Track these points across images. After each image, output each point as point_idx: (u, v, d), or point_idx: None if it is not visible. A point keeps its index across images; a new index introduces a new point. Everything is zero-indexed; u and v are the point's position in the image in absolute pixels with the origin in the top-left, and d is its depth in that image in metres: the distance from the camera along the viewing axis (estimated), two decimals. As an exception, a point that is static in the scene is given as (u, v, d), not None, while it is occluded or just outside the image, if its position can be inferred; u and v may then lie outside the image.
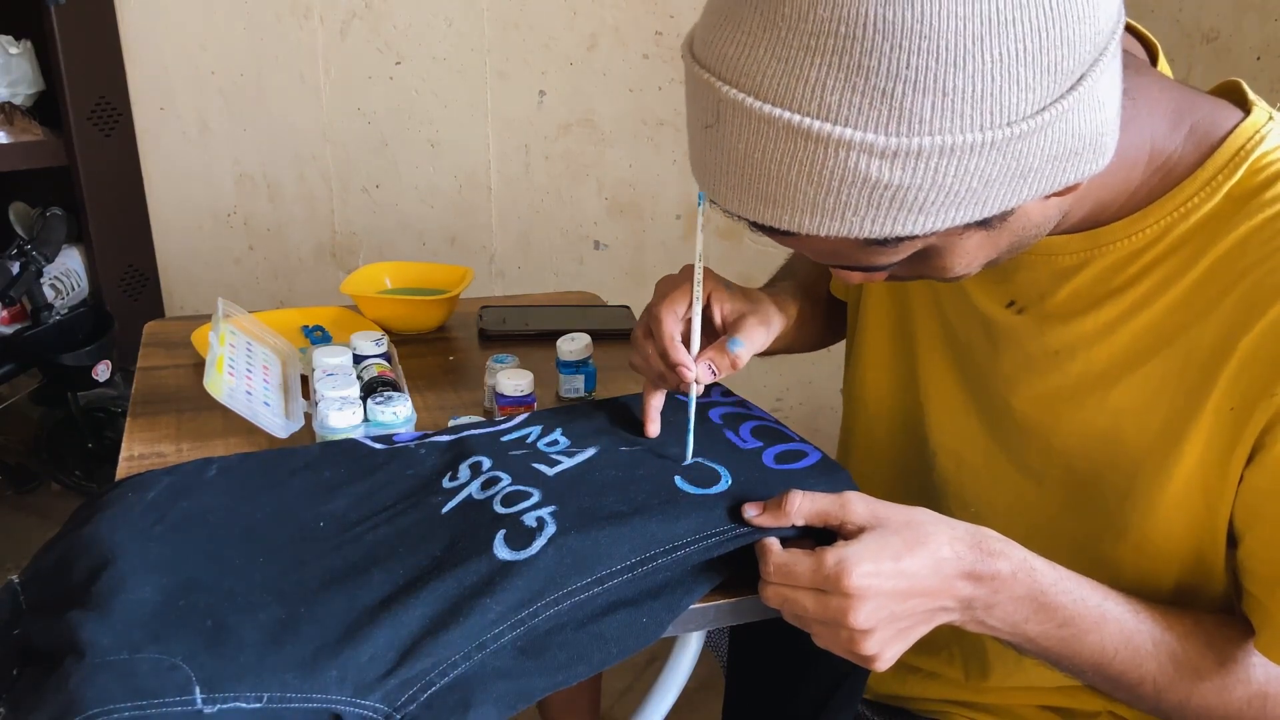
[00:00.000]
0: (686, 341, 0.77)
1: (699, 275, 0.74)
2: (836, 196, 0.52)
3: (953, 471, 0.82)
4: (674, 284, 0.78)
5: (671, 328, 0.76)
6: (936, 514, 0.64)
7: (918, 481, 0.86)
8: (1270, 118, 0.65)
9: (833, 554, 0.61)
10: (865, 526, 0.63)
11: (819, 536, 0.66)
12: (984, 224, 0.56)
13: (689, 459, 0.75)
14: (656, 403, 0.81)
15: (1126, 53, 0.64)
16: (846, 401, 0.94)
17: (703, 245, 0.74)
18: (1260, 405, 0.61)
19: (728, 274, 0.85)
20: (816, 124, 0.50)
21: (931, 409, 0.83)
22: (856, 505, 0.64)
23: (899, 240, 0.55)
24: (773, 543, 0.65)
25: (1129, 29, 0.72)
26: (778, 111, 0.51)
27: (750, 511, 0.67)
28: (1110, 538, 0.71)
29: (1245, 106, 0.67)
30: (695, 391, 0.76)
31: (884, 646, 0.62)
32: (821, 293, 0.95)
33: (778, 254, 0.95)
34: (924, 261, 0.61)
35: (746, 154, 0.53)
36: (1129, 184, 0.65)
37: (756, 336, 0.78)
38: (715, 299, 0.79)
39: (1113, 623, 0.65)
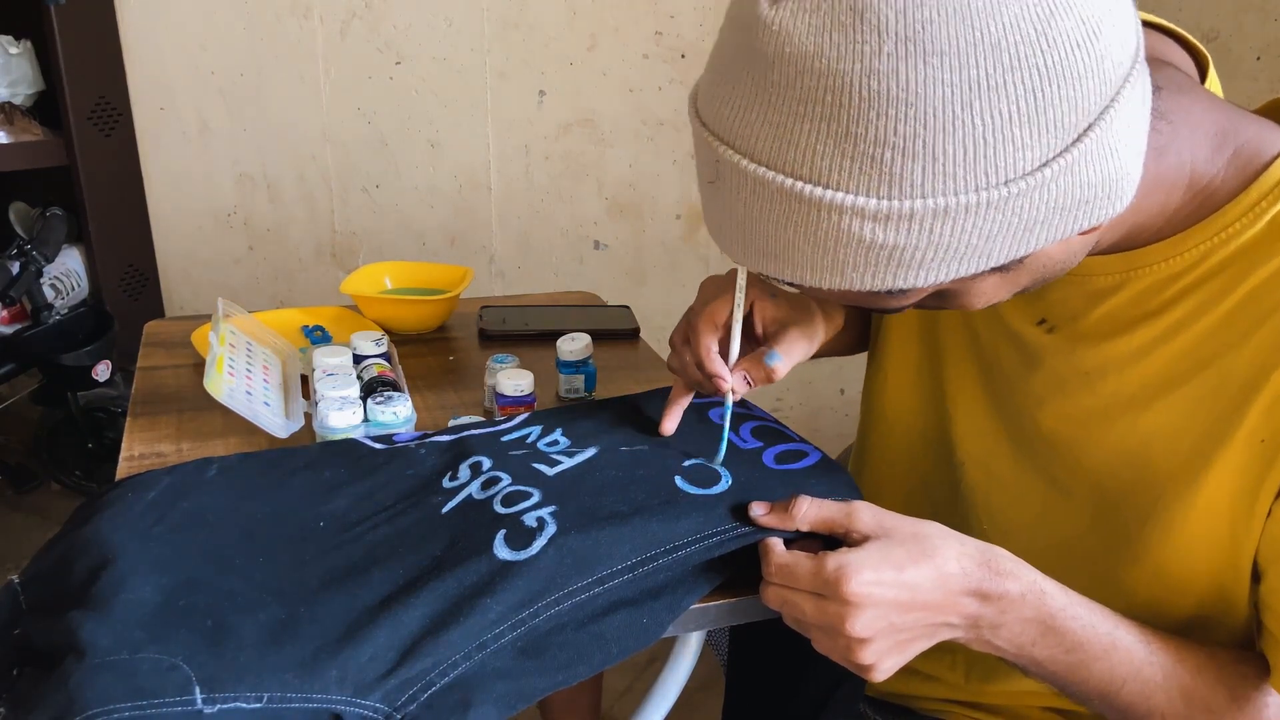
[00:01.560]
0: (725, 348, 0.76)
1: (742, 282, 0.73)
2: (834, 256, 0.52)
3: (980, 481, 0.81)
4: (717, 289, 0.77)
5: (709, 339, 0.76)
6: (947, 529, 0.63)
7: (943, 493, 0.85)
8: None
9: (834, 559, 0.60)
10: (870, 536, 0.62)
11: (826, 542, 0.66)
12: (1001, 269, 0.56)
13: (720, 458, 0.75)
14: (682, 403, 0.81)
15: (1170, 69, 0.64)
16: (865, 411, 0.93)
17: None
18: None
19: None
20: (809, 188, 0.50)
21: (959, 420, 0.82)
22: (863, 514, 0.63)
23: (904, 290, 0.55)
24: (776, 543, 0.65)
25: (1180, 40, 0.71)
26: (771, 175, 0.51)
27: (757, 510, 0.67)
28: (1128, 560, 0.70)
29: None
30: (730, 401, 0.75)
31: (881, 657, 0.61)
32: None
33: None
34: (943, 299, 0.61)
35: (746, 212, 0.53)
36: (1167, 208, 0.63)
37: (797, 348, 0.77)
38: (758, 307, 0.78)
39: (1123, 651, 0.64)
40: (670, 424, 0.80)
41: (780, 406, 2.35)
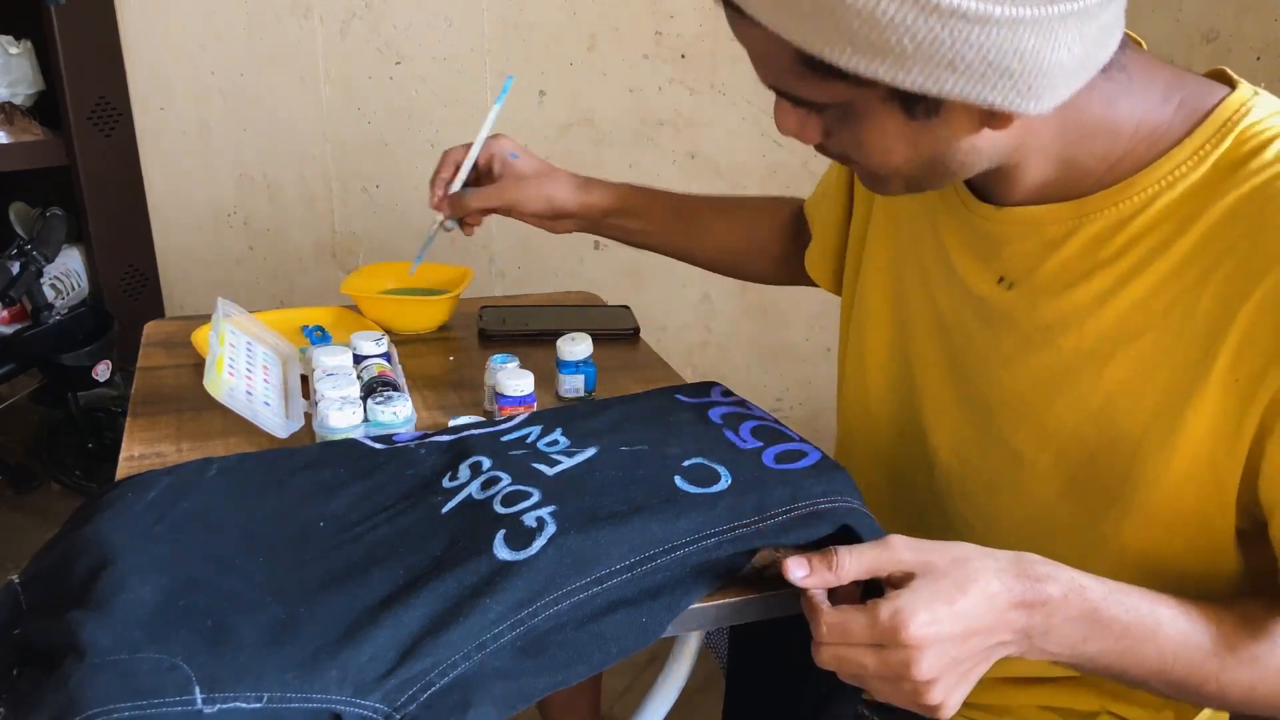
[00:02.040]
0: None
1: (483, 135, 1.05)
2: None
3: (954, 466, 0.82)
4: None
5: (444, 171, 1.07)
6: (975, 546, 0.63)
7: (922, 480, 0.86)
8: (1255, 93, 0.66)
9: (886, 607, 0.59)
10: (913, 573, 0.61)
11: (835, 539, 0.66)
12: (906, 106, 0.59)
13: (415, 264, 1.05)
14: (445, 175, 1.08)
15: (1127, 34, 0.66)
16: (846, 407, 0.94)
17: (495, 117, 1.06)
18: (1269, 374, 0.61)
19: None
20: None
21: (928, 409, 0.83)
22: (903, 552, 0.62)
23: (826, 71, 0.57)
24: (822, 600, 0.63)
25: None
26: None
27: (797, 573, 0.63)
28: (1114, 516, 0.71)
29: (1232, 85, 0.68)
30: (437, 221, 1.07)
31: (949, 694, 0.60)
32: (721, 214, 1.12)
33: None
34: (845, 127, 0.63)
35: None
36: (1112, 152, 0.66)
37: (506, 192, 1.04)
38: (495, 160, 1.06)
39: (1167, 625, 0.64)
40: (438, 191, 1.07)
41: (780, 406, 2.35)
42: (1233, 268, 0.62)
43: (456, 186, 1.05)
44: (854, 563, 0.62)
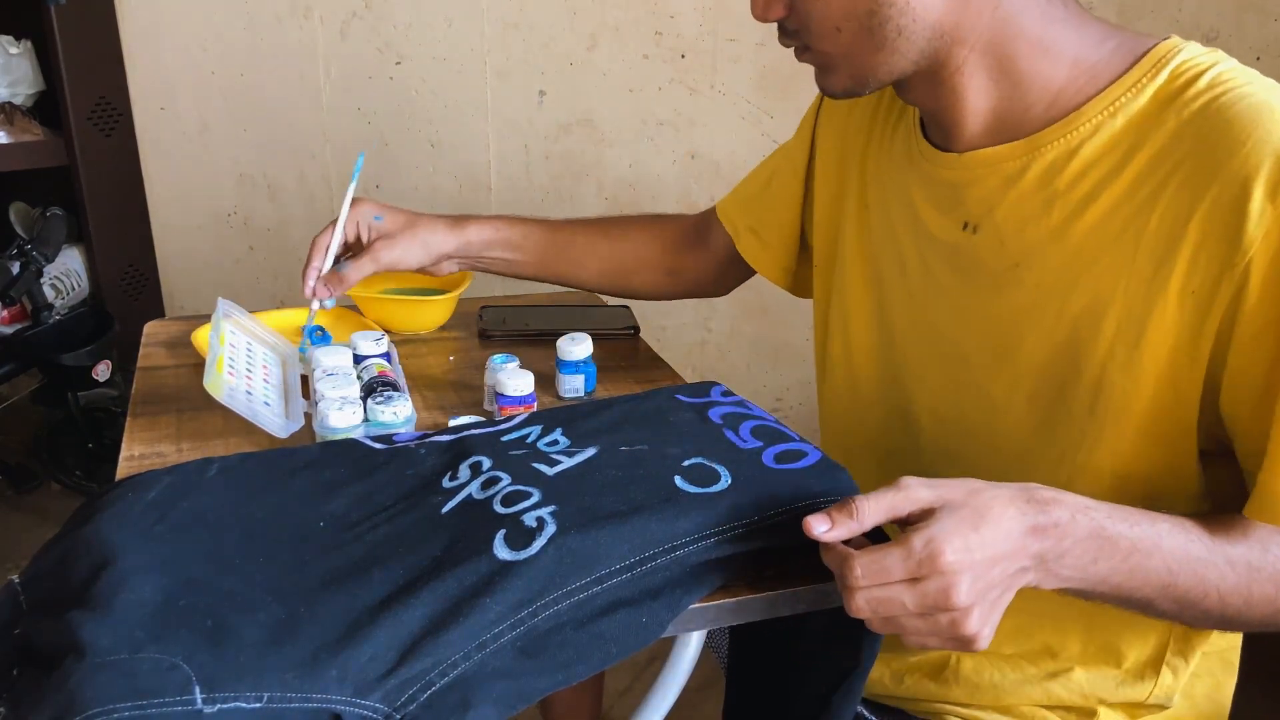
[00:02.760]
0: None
1: (344, 212, 1.05)
2: None
3: (936, 427, 0.85)
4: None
5: (315, 259, 1.04)
6: (982, 480, 0.64)
7: (910, 450, 0.88)
8: (1187, 42, 0.71)
9: (919, 538, 0.59)
10: (933, 507, 0.62)
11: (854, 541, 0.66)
12: None
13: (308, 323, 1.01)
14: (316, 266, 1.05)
15: None
16: (833, 397, 0.96)
17: (353, 192, 1.06)
18: (1223, 281, 0.64)
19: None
20: None
21: (910, 374, 0.86)
22: (918, 490, 0.63)
23: None
24: (846, 549, 0.62)
25: None
26: None
27: (820, 527, 0.62)
28: (1088, 446, 0.73)
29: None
30: (314, 307, 1.05)
31: (984, 622, 0.61)
32: (606, 234, 1.15)
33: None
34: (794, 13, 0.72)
35: None
36: (1052, 80, 0.72)
37: (381, 255, 1.05)
38: (362, 228, 1.06)
39: (1168, 540, 0.66)
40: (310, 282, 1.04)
41: (780, 407, 2.35)
42: (1179, 184, 0.66)
43: (327, 268, 1.05)
44: (873, 507, 0.62)
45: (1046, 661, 0.85)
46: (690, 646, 0.82)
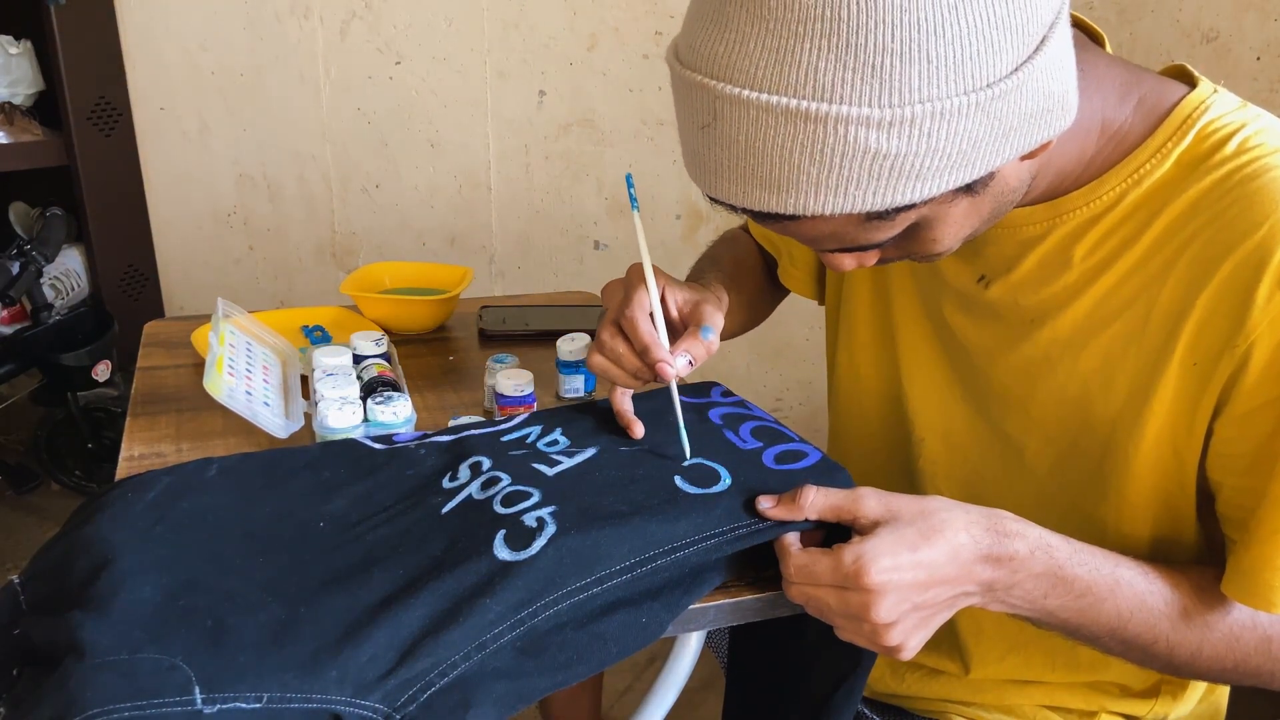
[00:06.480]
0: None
1: (649, 269, 0.77)
2: (839, 173, 0.55)
3: (940, 453, 0.84)
4: (630, 286, 0.78)
5: (648, 325, 0.76)
6: (951, 501, 0.65)
7: (910, 466, 0.87)
8: (1215, 90, 0.69)
9: (850, 551, 0.61)
10: (879, 521, 0.63)
11: (835, 532, 0.66)
12: (970, 189, 0.59)
13: (689, 457, 0.75)
14: (628, 404, 0.81)
15: (1074, 30, 0.68)
16: (836, 396, 0.95)
17: (646, 244, 0.79)
18: (1223, 358, 0.64)
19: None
20: (814, 105, 0.53)
21: (915, 393, 0.85)
22: (869, 500, 0.64)
23: (897, 212, 0.58)
24: (792, 542, 0.65)
25: (1074, 20, 0.75)
26: (775, 99, 0.53)
27: (765, 503, 0.67)
28: (1094, 499, 0.74)
29: (1190, 82, 0.70)
30: (674, 384, 0.76)
31: (907, 637, 0.62)
32: (745, 284, 0.99)
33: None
34: (913, 238, 0.64)
35: (748, 145, 0.55)
36: (1084, 153, 0.69)
37: (717, 320, 0.79)
38: (668, 293, 0.80)
39: (1126, 586, 0.67)
40: (639, 428, 0.79)
41: (780, 406, 2.35)
42: (1193, 257, 0.65)
43: (666, 343, 0.77)
44: (819, 502, 0.65)
45: (1050, 666, 0.85)
46: (690, 646, 0.82)
